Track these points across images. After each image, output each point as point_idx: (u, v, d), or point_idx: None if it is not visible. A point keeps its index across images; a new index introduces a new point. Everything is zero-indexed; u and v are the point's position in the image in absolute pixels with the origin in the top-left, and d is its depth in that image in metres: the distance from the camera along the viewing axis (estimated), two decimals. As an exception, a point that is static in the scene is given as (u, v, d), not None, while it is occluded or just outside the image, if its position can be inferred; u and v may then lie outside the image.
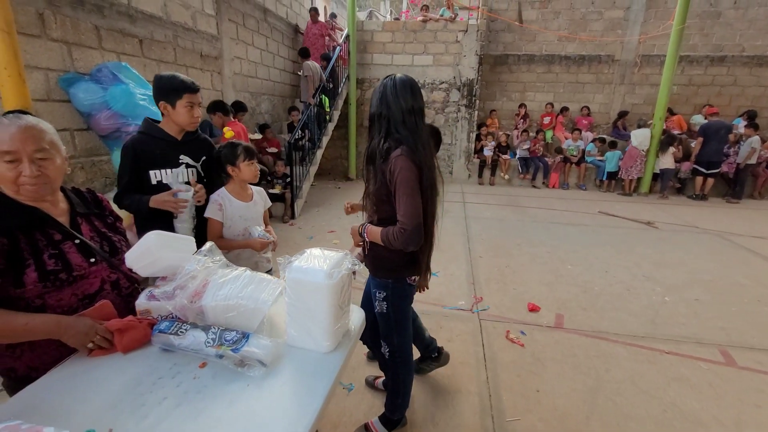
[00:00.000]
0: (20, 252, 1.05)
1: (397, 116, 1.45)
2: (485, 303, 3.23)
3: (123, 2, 3.50)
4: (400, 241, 1.42)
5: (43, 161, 1.07)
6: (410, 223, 1.40)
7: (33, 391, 1.05)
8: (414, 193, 1.41)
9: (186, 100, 1.72)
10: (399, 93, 1.45)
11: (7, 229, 1.04)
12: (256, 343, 1.15)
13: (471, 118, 8.44)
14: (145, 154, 1.74)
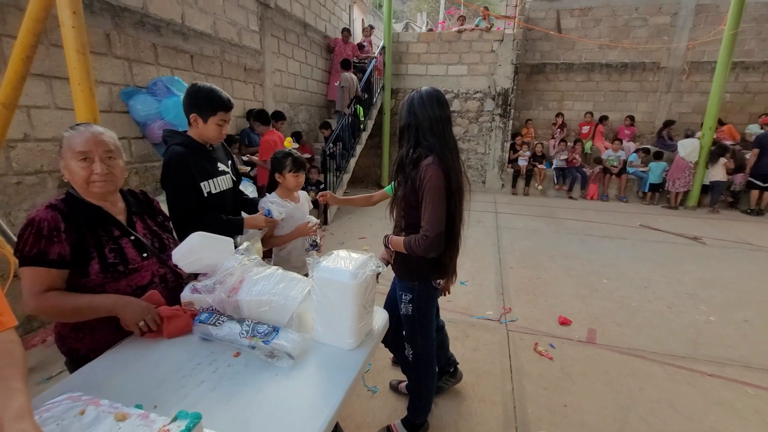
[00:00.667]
0: (86, 246, 1.20)
1: (425, 125, 1.52)
2: (514, 314, 3.18)
3: (178, 22, 3.81)
4: (422, 248, 1.47)
5: (111, 161, 1.23)
6: (432, 231, 1.45)
7: (91, 368, 1.18)
8: (440, 202, 1.46)
9: (219, 117, 1.69)
10: (426, 103, 1.52)
11: (77, 225, 1.19)
12: (286, 336, 1.23)
13: (505, 128, 8.35)
14: (195, 167, 1.70)
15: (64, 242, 1.16)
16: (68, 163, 1.20)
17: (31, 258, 1.13)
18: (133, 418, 0.95)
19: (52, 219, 1.16)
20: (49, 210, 1.17)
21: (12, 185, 2.57)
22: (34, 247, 1.13)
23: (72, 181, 1.22)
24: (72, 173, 1.20)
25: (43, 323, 2.81)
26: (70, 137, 1.20)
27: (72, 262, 1.18)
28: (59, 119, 2.80)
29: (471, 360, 2.55)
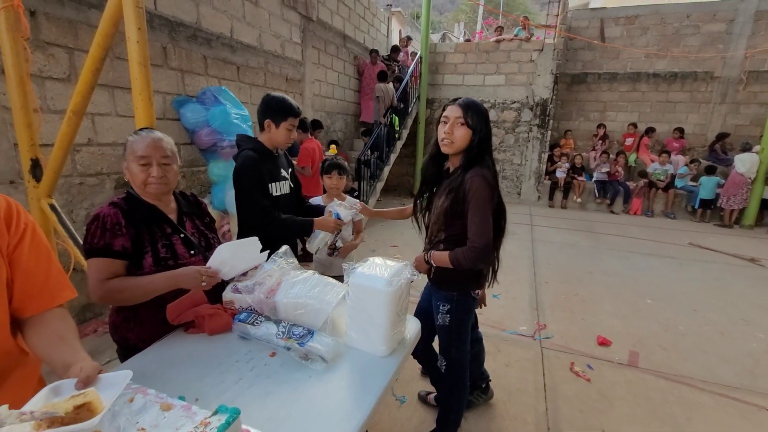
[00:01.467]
0: (142, 240, 1.30)
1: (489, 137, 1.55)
2: (549, 331, 3.07)
3: (227, 35, 4.04)
4: (471, 259, 1.47)
5: (166, 166, 1.32)
6: (480, 242, 1.44)
7: (139, 359, 1.26)
8: (487, 213, 1.46)
9: (289, 122, 1.84)
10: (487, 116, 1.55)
11: (135, 222, 1.30)
12: (320, 339, 1.26)
13: (543, 138, 8.14)
14: (265, 169, 1.85)
15: (126, 236, 1.26)
16: (130, 165, 1.31)
17: (98, 249, 1.24)
18: (176, 409, 1.00)
19: (114, 215, 1.26)
20: (112, 207, 1.28)
21: (75, 185, 2.80)
22: (101, 239, 1.24)
23: (131, 182, 1.33)
24: (132, 174, 1.31)
25: (96, 315, 3.01)
26: (133, 142, 1.31)
27: (131, 255, 1.28)
28: (119, 126, 3.03)
29: (502, 376, 2.48)
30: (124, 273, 1.28)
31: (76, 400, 0.75)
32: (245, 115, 3.74)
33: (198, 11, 3.67)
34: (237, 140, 1.96)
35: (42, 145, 2.11)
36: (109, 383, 0.87)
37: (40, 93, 2.50)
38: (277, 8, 4.83)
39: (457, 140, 1.53)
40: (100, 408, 0.77)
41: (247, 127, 3.70)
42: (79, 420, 0.73)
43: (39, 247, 0.95)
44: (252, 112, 4.08)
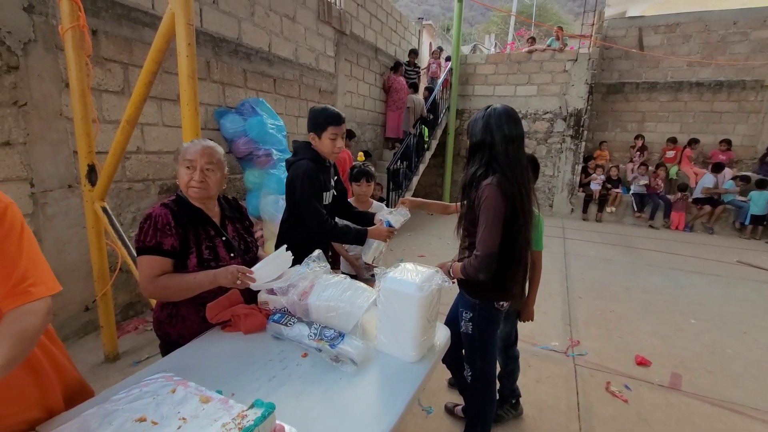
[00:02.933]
0: (188, 241, 1.37)
1: (499, 145, 1.49)
2: (583, 347, 2.95)
3: (265, 49, 4.23)
4: (473, 269, 1.46)
5: (209, 173, 1.40)
6: (483, 251, 1.43)
7: (180, 353, 1.33)
8: (494, 223, 1.43)
9: (330, 132, 1.84)
10: (503, 122, 1.49)
11: (183, 223, 1.37)
12: (350, 342, 1.28)
13: (577, 150, 7.93)
14: (321, 179, 1.88)
15: (175, 236, 1.34)
16: (179, 168, 1.41)
17: (150, 248, 1.32)
18: (214, 401, 1.05)
19: (165, 215, 1.34)
20: (163, 207, 1.36)
21: (124, 190, 2.99)
22: (153, 238, 1.32)
23: (179, 183, 1.42)
24: (179, 177, 1.41)
25: (137, 313, 3.18)
26: (186, 147, 1.41)
27: (178, 254, 1.36)
28: (165, 135, 3.23)
29: (533, 392, 2.41)
30: (172, 271, 1.36)
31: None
32: (280, 125, 3.88)
33: (240, 27, 3.87)
34: (295, 147, 1.96)
35: (97, 152, 2.28)
36: None
37: (97, 105, 2.71)
38: (313, 23, 5.02)
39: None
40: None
41: (282, 137, 3.83)
42: None
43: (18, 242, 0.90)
44: (287, 122, 4.24)
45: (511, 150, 1.49)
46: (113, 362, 2.57)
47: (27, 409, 0.97)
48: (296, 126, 4.95)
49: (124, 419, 0.96)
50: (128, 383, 1.12)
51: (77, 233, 2.66)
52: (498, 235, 1.44)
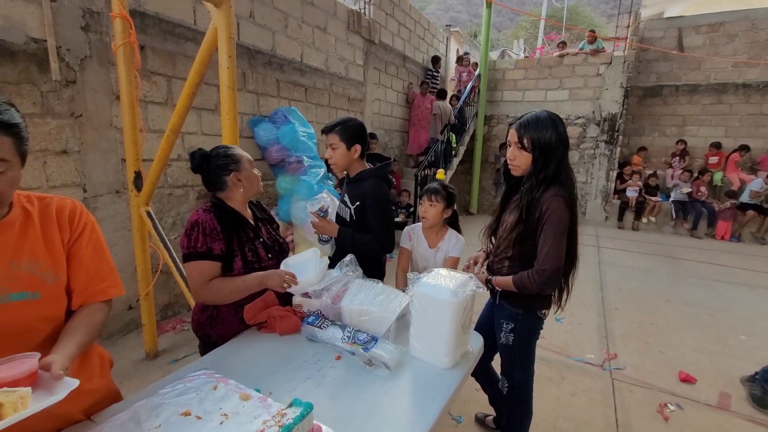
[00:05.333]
0: (233, 244, 1.42)
1: (565, 153, 1.44)
2: (620, 361, 2.83)
3: (297, 60, 4.36)
4: (538, 284, 1.41)
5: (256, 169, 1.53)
6: (551, 266, 1.38)
7: (219, 352, 1.38)
8: (562, 237, 1.39)
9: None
10: (564, 128, 1.44)
11: (227, 227, 1.42)
12: (383, 347, 1.29)
13: (611, 155, 7.65)
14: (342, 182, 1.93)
15: (222, 240, 1.39)
16: (249, 171, 1.47)
17: (201, 253, 1.36)
18: (253, 399, 1.08)
19: (211, 220, 1.38)
20: (207, 213, 1.40)
21: (165, 196, 3.15)
22: (204, 244, 1.36)
23: (248, 186, 1.48)
24: (250, 180, 1.48)
25: (175, 313, 3.32)
26: (239, 150, 1.50)
27: (224, 257, 1.40)
28: (203, 143, 3.38)
29: (568, 405, 2.33)
30: (220, 274, 1.41)
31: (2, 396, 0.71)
32: (311, 133, 3.98)
33: (274, 40, 4.01)
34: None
35: (142, 160, 2.42)
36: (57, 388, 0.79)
37: (143, 115, 2.88)
38: (343, 33, 5.13)
39: (521, 165, 1.48)
40: (9, 414, 0.70)
41: (312, 145, 3.93)
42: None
43: (96, 245, 1.03)
44: (317, 130, 4.34)
45: (566, 157, 1.45)
46: (153, 359, 2.69)
47: (85, 396, 1.04)
48: (326, 133, 5.05)
49: (171, 412, 1.01)
50: (173, 378, 1.17)
51: (123, 236, 2.82)
52: (564, 249, 1.40)
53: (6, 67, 2.17)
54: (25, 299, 0.88)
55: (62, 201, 1.01)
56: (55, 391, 0.78)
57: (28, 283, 0.89)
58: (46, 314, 0.93)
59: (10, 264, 0.87)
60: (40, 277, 0.91)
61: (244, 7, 3.62)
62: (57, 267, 0.95)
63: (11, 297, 0.86)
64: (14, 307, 0.86)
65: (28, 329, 0.90)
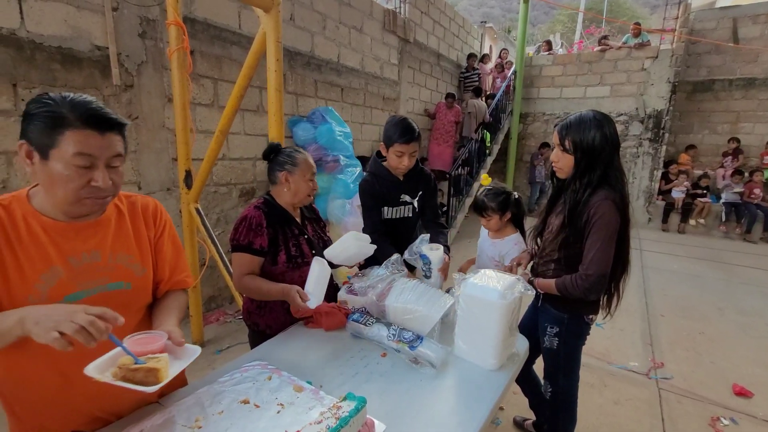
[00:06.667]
0: (278, 240, 1.49)
1: (613, 154, 1.39)
2: (667, 370, 2.70)
3: (334, 60, 4.44)
4: (582, 289, 1.38)
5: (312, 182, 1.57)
6: (596, 271, 1.35)
7: (269, 345, 1.44)
8: (610, 242, 1.36)
9: (396, 149, 1.77)
10: (614, 129, 1.39)
11: (273, 223, 1.49)
12: (429, 345, 1.30)
13: (656, 154, 7.28)
14: (376, 193, 1.86)
15: (265, 236, 1.46)
16: (300, 178, 1.51)
17: (242, 246, 1.45)
18: (306, 391, 1.13)
19: (258, 216, 1.46)
20: (256, 209, 1.48)
21: (211, 193, 3.30)
22: (246, 237, 1.44)
23: (294, 190, 1.52)
24: (299, 186, 1.51)
25: (218, 305, 3.47)
26: (305, 159, 1.54)
27: (267, 252, 1.48)
28: (246, 143, 3.51)
29: (611, 414, 2.25)
30: (258, 270, 1.48)
31: (150, 363, 0.84)
32: (347, 132, 4.04)
33: (312, 41, 4.10)
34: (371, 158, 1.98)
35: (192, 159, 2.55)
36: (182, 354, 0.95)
37: (192, 116, 3.02)
38: (379, 33, 5.16)
39: (564, 167, 1.46)
40: (164, 377, 0.85)
41: (348, 144, 3.99)
42: (145, 383, 0.83)
43: (174, 240, 1.14)
44: (352, 129, 4.40)
45: (617, 159, 1.41)
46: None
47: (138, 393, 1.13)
48: (361, 133, 5.11)
49: (231, 400, 1.07)
50: (230, 368, 1.24)
51: (172, 231, 2.98)
52: (611, 254, 1.37)
53: (74, 73, 2.34)
54: (119, 289, 0.97)
55: (145, 199, 1.11)
56: (181, 356, 0.95)
57: (122, 274, 0.98)
58: (135, 304, 1.02)
59: (109, 256, 0.96)
60: (132, 270, 1.00)
61: (285, 10, 3.72)
62: (144, 261, 1.03)
63: (109, 286, 0.95)
64: (111, 295, 0.95)
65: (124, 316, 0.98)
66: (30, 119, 0.82)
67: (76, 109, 0.82)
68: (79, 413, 0.96)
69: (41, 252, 0.87)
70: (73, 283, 0.90)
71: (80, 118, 0.81)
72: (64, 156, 0.81)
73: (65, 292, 0.88)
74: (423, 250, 1.68)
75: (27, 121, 0.82)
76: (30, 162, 0.83)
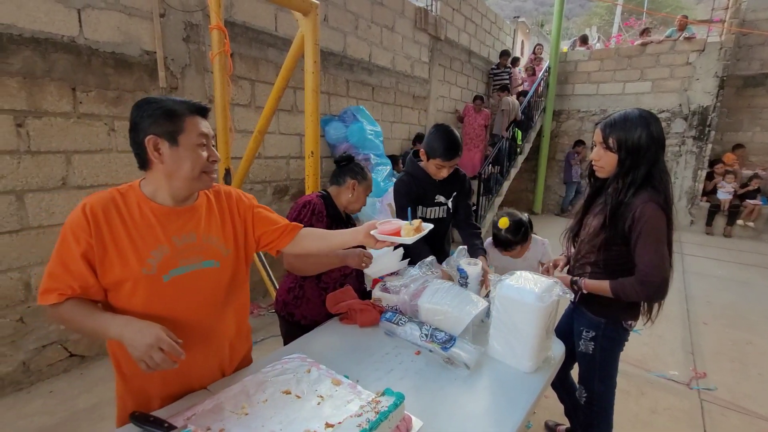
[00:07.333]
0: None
1: (659, 154, 1.34)
2: (710, 381, 2.58)
3: (366, 60, 4.48)
4: (644, 295, 1.34)
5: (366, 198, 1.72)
6: (658, 276, 1.30)
7: (306, 339, 1.49)
8: (662, 244, 1.31)
9: (437, 162, 1.80)
10: (660, 128, 1.34)
11: (329, 215, 1.59)
12: (462, 346, 1.31)
13: (700, 153, 6.90)
14: (411, 193, 1.90)
15: (324, 224, 1.55)
16: (361, 192, 1.67)
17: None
18: (344, 385, 1.16)
19: (320, 205, 1.58)
20: (319, 198, 1.60)
21: (247, 191, 3.40)
22: (309, 221, 1.53)
23: (353, 199, 1.66)
24: (359, 197, 1.68)
25: (253, 299, 3.59)
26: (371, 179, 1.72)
27: None
28: (280, 142, 3.61)
29: (648, 423, 2.18)
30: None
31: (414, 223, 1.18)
32: (378, 131, 4.07)
33: (345, 41, 4.16)
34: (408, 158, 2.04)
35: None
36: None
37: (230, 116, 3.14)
38: (410, 31, 5.16)
39: (606, 166, 1.41)
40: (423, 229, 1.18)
41: (379, 143, 4.02)
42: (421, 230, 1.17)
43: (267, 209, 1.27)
44: (383, 128, 4.43)
45: (662, 160, 1.36)
46: (235, 340, 2.95)
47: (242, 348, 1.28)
48: (391, 131, 5.13)
49: (274, 389, 1.13)
50: (271, 359, 1.29)
51: (211, 227, 3.12)
52: (667, 256, 1.33)
53: (125, 76, 2.49)
54: (211, 266, 1.09)
55: (227, 188, 1.23)
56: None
57: (212, 254, 1.10)
58: (223, 281, 1.13)
59: (202, 237, 1.08)
60: (219, 250, 1.12)
61: (319, 12, 3.79)
62: (228, 242, 1.14)
63: (203, 264, 1.08)
64: (206, 272, 1.08)
65: (213, 292, 1.11)
66: (148, 119, 0.96)
67: (179, 103, 0.99)
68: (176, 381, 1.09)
69: (151, 232, 1.00)
70: (176, 260, 1.03)
71: (188, 108, 0.99)
72: (190, 137, 0.99)
73: (170, 267, 1.02)
74: (461, 264, 1.69)
75: (145, 121, 0.96)
76: (158, 153, 0.97)
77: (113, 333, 0.92)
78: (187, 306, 1.05)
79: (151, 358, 0.88)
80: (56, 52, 2.21)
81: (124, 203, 1.00)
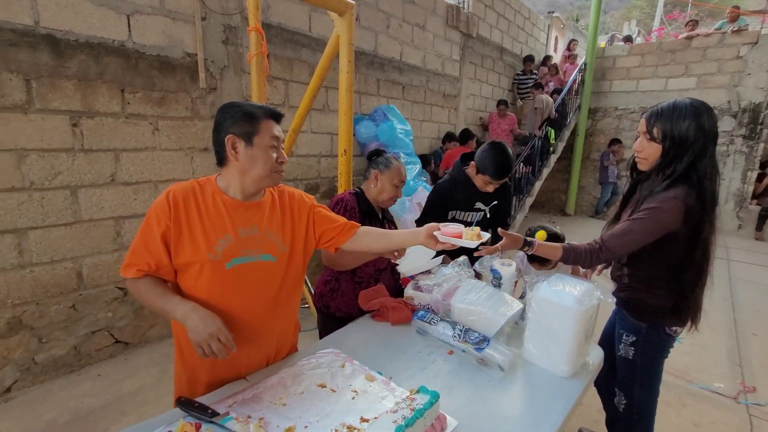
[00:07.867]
0: None
1: (708, 147, 1.26)
2: (761, 396, 2.42)
3: (396, 59, 4.48)
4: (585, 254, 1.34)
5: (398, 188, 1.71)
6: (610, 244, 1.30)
7: (339, 334, 1.51)
8: (645, 236, 1.27)
9: (486, 179, 1.86)
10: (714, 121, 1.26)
11: (362, 211, 1.63)
12: (497, 348, 1.30)
13: (751, 153, 6.47)
14: (449, 199, 1.97)
15: (357, 220, 1.57)
16: (386, 181, 1.66)
17: None
18: (377, 381, 1.18)
19: (352, 201, 1.63)
20: (351, 195, 1.66)
21: (279, 188, 3.50)
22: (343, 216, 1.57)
23: (379, 189, 1.68)
24: (384, 186, 1.67)
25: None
26: (399, 166, 1.69)
27: None
28: (312, 141, 3.68)
29: (690, 436, 2.08)
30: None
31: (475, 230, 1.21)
32: (408, 130, 4.07)
33: (376, 40, 4.17)
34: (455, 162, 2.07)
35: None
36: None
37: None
38: (441, 29, 5.12)
39: (648, 157, 1.34)
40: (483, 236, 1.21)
41: (409, 141, 4.01)
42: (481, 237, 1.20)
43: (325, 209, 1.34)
44: (412, 126, 4.41)
45: (712, 153, 1.27)
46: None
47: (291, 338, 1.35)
48: (420, 130, 5.11)
49: (310, 382, 1.15)
50: (306, 353, 1.32)
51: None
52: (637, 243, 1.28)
53: (169, 78, 2.61)
54: (268, 260, 1.16)
55: (291, 189, 1.31)
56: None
57: (271, 248, 1.17)
58: (277, 276, 1.19)
59: (264, 231, 1.16)
60: (277, 246, 1.18)
61: (351, 12, 3.83)
62: (285, 239, 1.21)
63: (262, 257, 1.15)
64: (264, 265, 1.15)
65: (268, 284, 1.17)
66: (230, 119, 1.07)
67: (257, 108, 1.10)
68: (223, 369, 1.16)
69: (221, 221, 1.09)
70: (238, 249, 1.11)
71: (265, 113, 1.10)
72: (264, 139, 1.08)
73: (233, 255, 1.10)
74: (494, 265, 1.66)
75: (227, 122, 1.07)
76: (235, 152, 1.07)
77: (179, 315, 1.00)
78: (242, 297, 1.12)
79: (209, 346, 0.96)
80: (108, 55, 2.34)
81: (201, 193, 1.10)
